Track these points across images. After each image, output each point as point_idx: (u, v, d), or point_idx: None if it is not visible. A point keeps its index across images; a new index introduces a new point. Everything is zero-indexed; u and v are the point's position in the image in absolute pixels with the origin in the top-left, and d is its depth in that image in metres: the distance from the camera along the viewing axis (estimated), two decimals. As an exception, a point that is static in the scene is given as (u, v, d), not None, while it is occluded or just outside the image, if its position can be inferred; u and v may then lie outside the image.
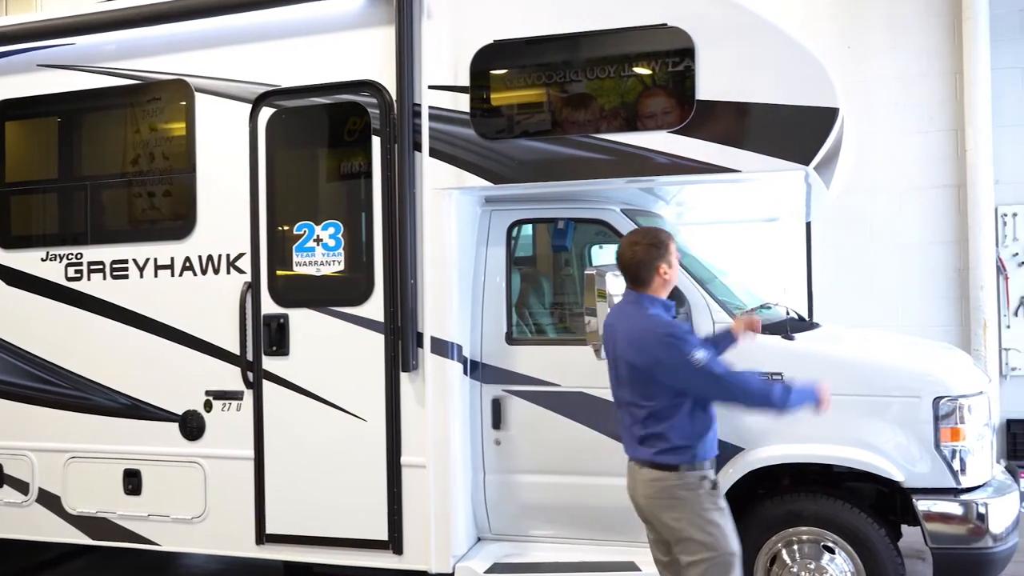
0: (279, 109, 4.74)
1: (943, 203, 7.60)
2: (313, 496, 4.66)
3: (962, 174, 7.49)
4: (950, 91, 7.58)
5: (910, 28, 7.69)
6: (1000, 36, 7.38)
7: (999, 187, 7.41)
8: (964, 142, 7.45)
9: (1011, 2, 7.45)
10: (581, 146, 4.27)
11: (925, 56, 7.65)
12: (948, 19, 7.57)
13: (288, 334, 4.69)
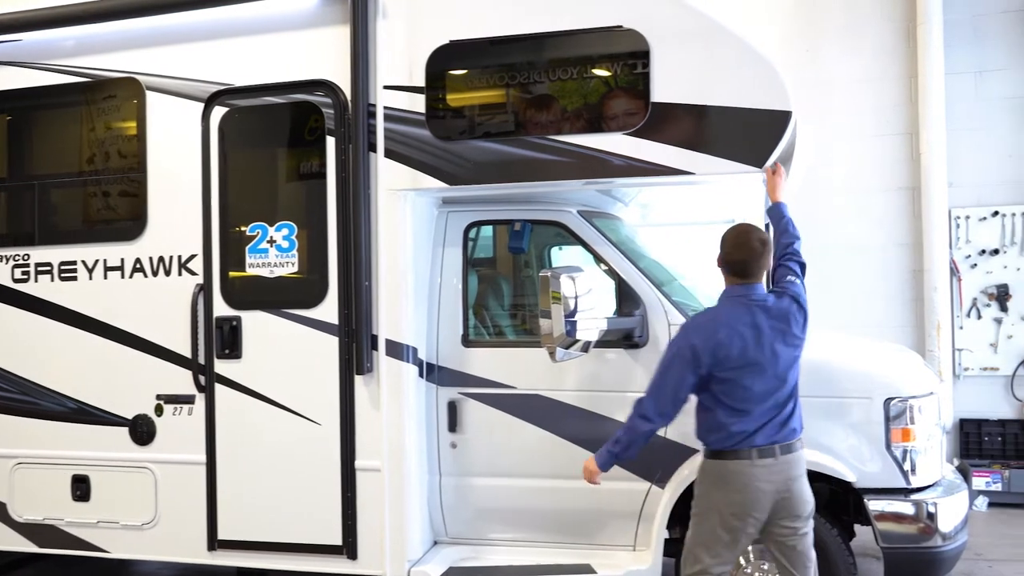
0: (232, 108, 4.67)
1: (899, 206, 7.70)
2: (266, 501, 4.60)
3: (917, 177, 7.60)
4: (905, 95, 7.69)
5: (867, 33, 7.78)
6: (954, 41, 7.49)
7: (953, 190, 7.52)
8: (919, 145, 7.55)
9: (964, 8, 7.56)
10: (537, 147, 4.25)
11: (881, 60, 7.75)
12: (903, 24, 7.67)
13: (241, 337, 4.63)
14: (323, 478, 4.51)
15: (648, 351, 4.34)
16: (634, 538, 4.42)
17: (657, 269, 4.88)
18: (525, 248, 4.64)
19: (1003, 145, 7.54)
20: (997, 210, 7.53)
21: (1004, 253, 7.53)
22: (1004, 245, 7.53)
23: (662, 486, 4.31)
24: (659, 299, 4.39)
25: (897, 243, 7.69)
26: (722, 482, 3.51)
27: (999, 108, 7.55)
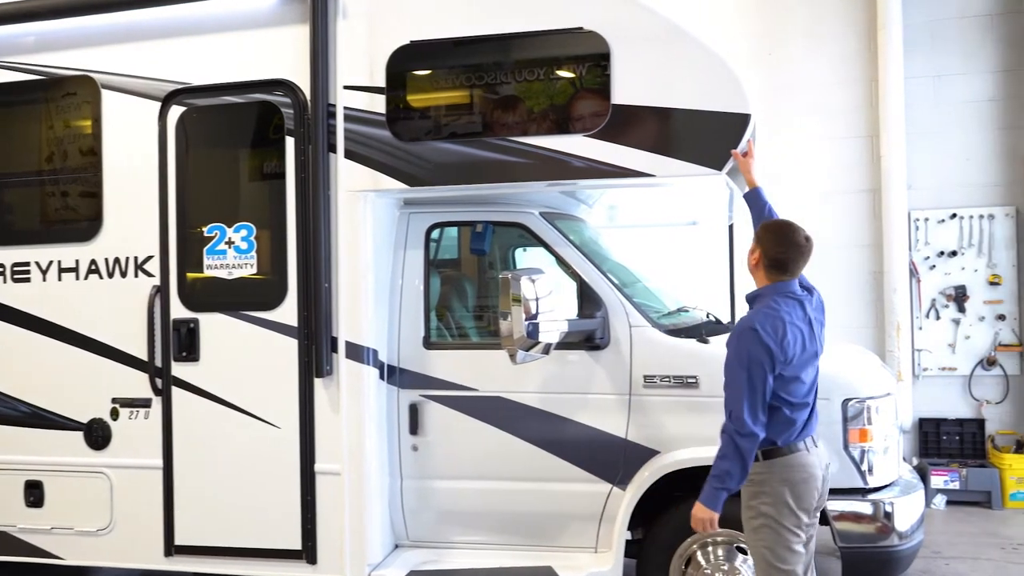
0: (189, 107, 4.60)
1: (860, 208, 7.79)
2: (224, 506, 4.54)
3: (877, 179, 7.69)
4: (866, 99, 7.78)
5: (828, 37, 7.87)
6: (913, 46, 7.59)
7: (912, 192, 7.62)
8: (879, 148, 7.64)
9: (923, 13, 7.67)
10: (498, 149, 4.24)
11: (843, 64, 7.84)
12: (864, 28, 7.76)
13: (198, 339, 4.56)
14: (282, 482, 4.46)
15: (609, 353, 4.35)
16: (596, 540, 4.42)
17: (620, 271, 4.89)
18: (487, 250, 4.63)
19: (961, 148, 7.66)
20: (955, 212, 7.64)
21: (962, 255, 7.64)
22: (962, 247, 7.64)
23: (623, 487, 4.31)
24: (620, 301, 4.39)
25: (858, 244, 7.79)
26: (793, 478, 3.42)
27: (957, 112, 7.67)
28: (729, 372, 3.40)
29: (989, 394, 7.59)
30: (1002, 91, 7.58)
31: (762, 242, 3.52)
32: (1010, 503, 7.20)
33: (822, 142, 7.84)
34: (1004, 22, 7.57)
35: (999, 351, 7.55)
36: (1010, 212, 7.54)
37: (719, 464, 3.37)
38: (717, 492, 3.37)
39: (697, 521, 3.42)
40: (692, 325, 4.62)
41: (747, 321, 3.42)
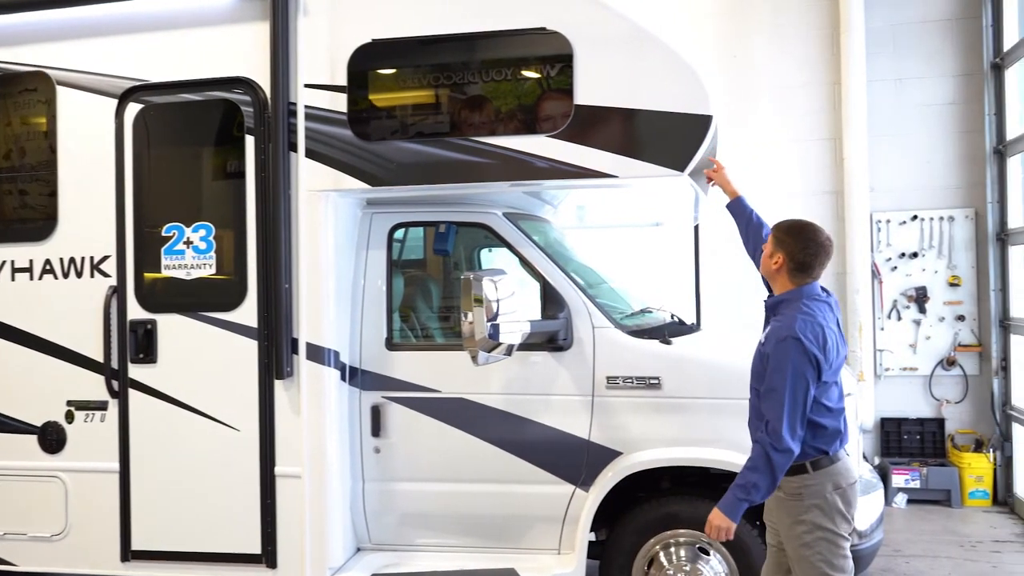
0: (147, 105, 4.53)
1: (823, 209, 7.85)
2: (182, 510, 4.47)
3: (840, 181, 7.76)
4: (829, 101, 7.85)
5: (792, 39, 7.93)
6: (875, 49, 7.68)
7: (874, 195, 7.70)
8: (842, 151, 7.72)
9: (884, 17, 7.76)
10: (460, 149, 4.21)
11: (806, 67, 7.91)
12: (828, 31, 7.84)
13: (156, 341, 4.49)
14: (242, 485, 4.41)
15: (572, 354, 4.34)
16: (559, 541, 4.41)
17: (584, 272, 4.88)
18: (450, 250, 4.60)
19: (921, 151, 7.75)
20: (916, 214, 7.73)
21: (923, 256, 7.74)
22: (923, 248, 7.73)
23: (586, 489, 4.31)
24: (584, 302, 4.38)
25: None
26: (842, 484, 3.37)
27: (918, 115, 7.76)
28: (771, 385, 3.25)
29: (949, 394, 7.70)
30: (961, 95, 7.69)
31: (784, 245, 3.41)
32: (969, 501, 7.30)
33: (787, 144, 7.90)
34: (963, 27, 7.67)
35: (959, 351, 7.65)
36: (969, 214, 7.65)
37: (748, 475, 3.24)
38: (740, 502, 3.25)
39: (714, 529, 3.30)
40: (655, 326, 4.63)
41: (786, 329, 3.26)
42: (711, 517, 3.32)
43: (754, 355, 3.51)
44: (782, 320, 3.34)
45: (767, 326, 3.49)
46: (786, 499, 3.39)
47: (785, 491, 3.39)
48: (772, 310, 3.49)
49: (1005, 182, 7.46)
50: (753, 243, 4.00)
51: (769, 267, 3.48)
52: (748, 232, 4.05)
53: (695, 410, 4.25)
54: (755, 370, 3.46)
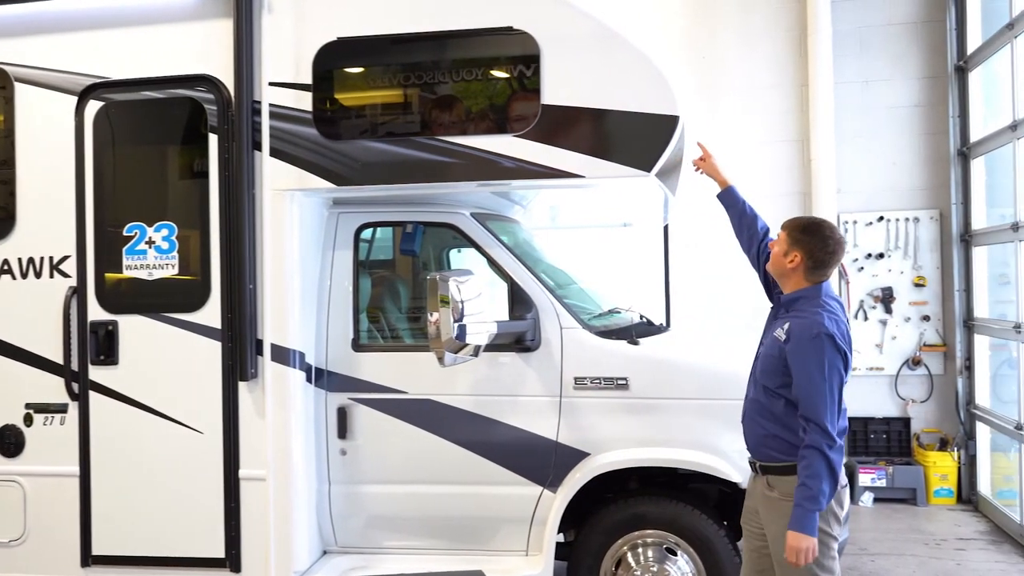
0: (108, 103, 4.45)
1: (791, 210, 7.86)
2: (144, 514, 4.40)
3: (808, 182, 7.82)
4: (797, 103, 7.91)
5: (760, 41, 7.98)
6: (842, 51, 7.74)
7: (841, 196, 7.77)
8: (810, 152, 7.77)
9: (851, 20, 7.83)
10: (427, 148, 4.18)
11: (774, 69, 7.96)
12: (795, 33, 7.89)
13: (117, 342, 4.41)
14: (205, 489, 4.34)
15: (540, 354, 4.32)
16: (526, 543, 4.39)
17: (553, 272, 4.87)
18: (417, 250, 4.57)
19: (887, 153, 7.84)
20: (883, 215, 7.81)
21: (889, 257, 7.82)
22: (889, 249, 7.81)
23: (554, 490, 4.30)
24: (551, 302, 4.37)
25: None
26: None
27: (883, 117, 7.85)
28: (812, 384, 3.21)
29: (914, 393, 7.78)
30: (926, 97, 7.78)
31: (802, 244, 3.38)
32: (934, 500, 7.39)
33: (755, 145, 7.94)
34: (928, 30, 7.76)
35: (924, 351, 7.74)
36: (934, 215, 7.74)
37: (812, 485, 3.15)
38: (812, 516, 3.16)
39: (799, 552, 3.16)
40: (623, 327, 4.62)
41: (817, 326, 3.24)
42: (793, 543, 3.17)
43: (765, 351, 3.46)
44: (805, 317, 3.31)
45: (782, 322, 3.40)
46: (780, 500, 3.34)
47: (780, 492, 3.36)
48: (787, 307, 3.44)
49: (969, 184, 7.56)
50: (748, 236, 3.91)
51: (783, 265, 3.43)
52: (742, 224, 3.93)
53: (663, 410, 4.26)
54: (768, 367, 3.40)
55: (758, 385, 3.47)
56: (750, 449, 3.55)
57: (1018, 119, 6.36)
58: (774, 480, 3.39)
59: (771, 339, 3.43)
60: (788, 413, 3.34)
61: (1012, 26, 6.45)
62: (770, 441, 3.40)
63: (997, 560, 5.98)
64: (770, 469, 3.41)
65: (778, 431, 3.38)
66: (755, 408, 3.47)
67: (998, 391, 7.29)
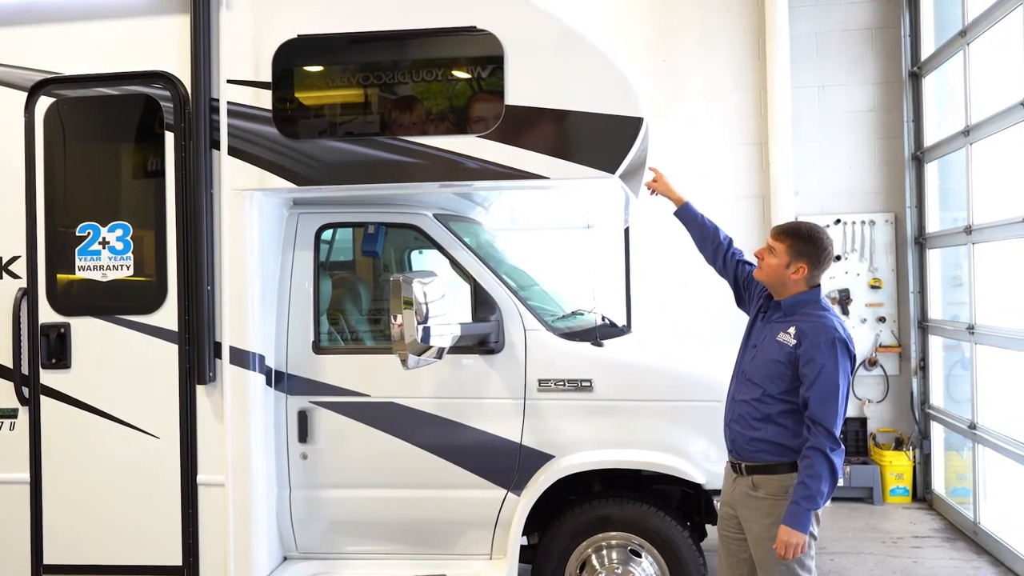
0: (60, 99, 4.33)
1: (750, 213, 7.98)
2: (99, 521, 4.29)
3: (766, 185, 7.89)
4: (755, 107, 7.98)
5: (720, 45, 8.04)
6: (799, 56, 7.83)
7: (799, 199, 7.85)
8: (768, 155, 7.85)
9: (808, 25, 7.92)
10: (389, 148, 4.13)
11: (733, 72, 8.02)
12: (754, 38, 7.97)
13: (70, 345, 4.30)
14: (162, 495, 4.25)
15: (504, 357, 4.30)
16: (490, 546, 4.37)
17: (516, 274, 4.85)
18: (379, 252, 4.52)
19: (843, 156, 7.94)
20: (839, 218, 7.91)
21: (845, 259, 7.92)
22: (845, 252, 7.92)
23: (518, 493, 4.28)
24: (515, 304, 4.35)
25: (747, 249, 7.85)
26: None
27: (840, 121, 7.95)
28: (827, 387, 3.22)
29: (871, 393, 7.89)
30: (882, 102, 7.90)
31: (806, 254, 3.39)
32: (890, 498, 7.50)
33: (715, 148, 8.00)
34: (883, 36, 7.89)
35: (880, 352, 7.85)
36: (889, 218, 7.86)
37: (812, 484, 3.18)
38: (808, 514, 3.20)
39: (790, 547, 3.19)
40: (587, 328, 4.61)
41: (831, 330, 3.28)
42: (785, 537, 3.20)
43: (765, 356, 3.42)
44: (815, 321, 3.33)
45: (784, 326, 3.39)
46: (766, 499, 3.36)
47: (766, 491, 3.37)
48: (789, 311, 3.43)
49: (923, 187, 7.69)
50: (712, 248, 3.96)
51: (786, 276, 3.42)
52: (704, 238, 3.99)
53: (627, 412, 4.26)
54: (773, 372, 3.37)
55: (752, 388, 3.43)
56: (735, 451, 3.52)
57: (970, 124, 6.49)
58: (760, 480, 3.39)
59: (773, 343, 3.41)
60: (785, 416, 3.35)
61: (964, 33, 6.57)
62: (763, 444, 3.39)
63: (952, 557, 6.08)
64: (757, 469, 3.41)
65: (772, 435, 3.37)
66: (748, 411, 3.43)
67: (951, 391, 7.43)
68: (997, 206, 6.14)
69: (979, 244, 6.42)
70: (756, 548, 3.42)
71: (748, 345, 3.59)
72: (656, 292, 7.82)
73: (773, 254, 3.46)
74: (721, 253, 3.93)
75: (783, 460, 3.34)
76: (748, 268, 3.86)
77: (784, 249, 3.43)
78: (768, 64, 7.79)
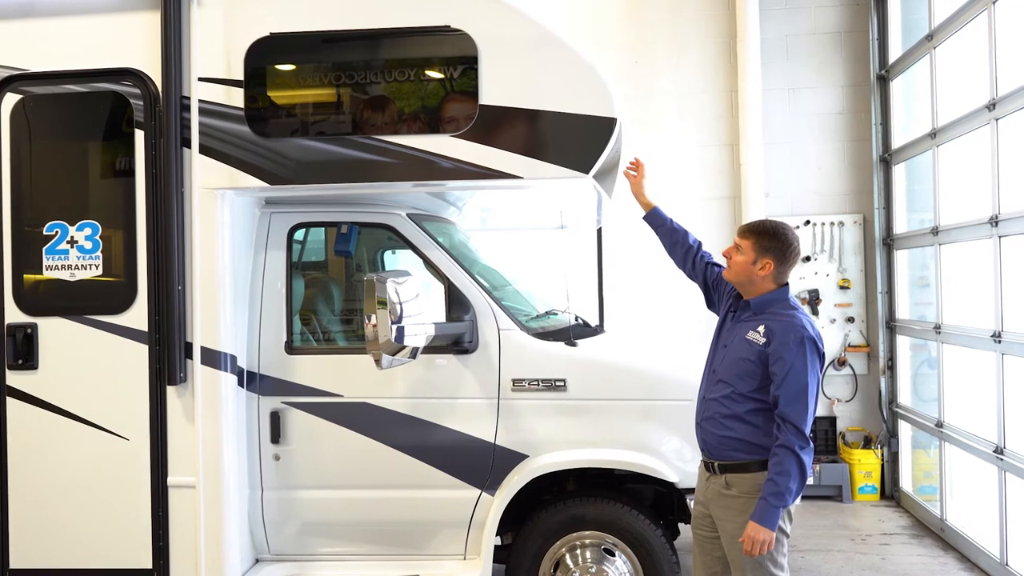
0: (27, 96, 4.27)
1: (721, 213, 8.04)
2: (66, 525, 4.23)
3: (737, 186, 7.96)
4: (727, 108, 8.04)
5: (691, 47, 8.10)
6: (770, 58, 7.91)
7: (769, 200, 7.93)
8: (739, 156, 7.91)
9: (778, 28, 8.00)
10: (363, 148, 4.11)
11: (705, 74, 8.08)
12: (725, 40, 8.03)
13: (37, 346, 4.23)
14: (131, 497, 4.20)
15: (478, 356, 4.30)
16: (464, 547, 4.36)
17: (489, 274, 4.85)
18: (352, 251, 4.49)
19: (813, 159, 8.03)
20: (809, 219, 7.99)
21: (815, 260, 8.00)
22: (815, 253, 8.00)
23: (492, 493, 4.28)
24: (489, 304, 4.35)
25: (718, 249, 7.90)
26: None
27: (809, 123, 8.04)
28: (796, 385, 3.24)
29: (840, 393, 7.98)
30: (850, 104, 7.99)
31: (771, 251, 3.43)
32: (859, 496, 7.59)
33: (687, 149, 8.06)
34: (852, 39, 7.98)
35: (849, 352, 7.94)
36: (858, 220, 7.96)
37: (781, 482, 3.20)
38: (777, 511, 3.21)
39: (757, 543, 3.20)
40: (560, 328, 4.62)
41: (800, 329, 3.30)
42: (752, 533, 3.21)
43: (734, 355, 3.43)
44: (784, 319, 3.35)
45: (753, 324, 3.41)
46: (739, 497, 3.37)
47: (739, 489, 3.38)
48: (758, 310, 3.46)
49: (891, 189, 7.79)
50: (682, 252, 3.99)
51: (752, 273, 3.45)
52: (674, 242, 4.01)
53: (600, 411, 4.27)
54: (743, 371, 3.38)
55: (722, 387, 3.45)
56: (707, 450, 3.53)
57: (937, 127, 6.58)
58: (733, 479, 3.41)
59: (742, 342, 3.43)
60: (756, 414, 3.37)
61: (931, 37, 6.67)
62: (734, 442, 3.40)
63: (919, 554, 6.16)
64: (729, 468, 3.42)
65: (743, 433, 3.39)
66: (718, 410, 3.45)
67: (919, 390, 7.53)
68: (963, 208, 6.24)
69: (945, 245, 6.52)
70: (729, 547, 3.44)
71: (718, 345, 3.61)
72: (628, 292, 7.85)
73: (740, 252, 3.49)
74: (691, 257, 3.96)
75: (755, 458, 3.36)
76: (717, 270, 3.89)
77: (750, 246, 3.47)
78: (739, 66, 7.85)
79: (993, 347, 5.54)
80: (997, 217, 5.49)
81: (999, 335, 5.45)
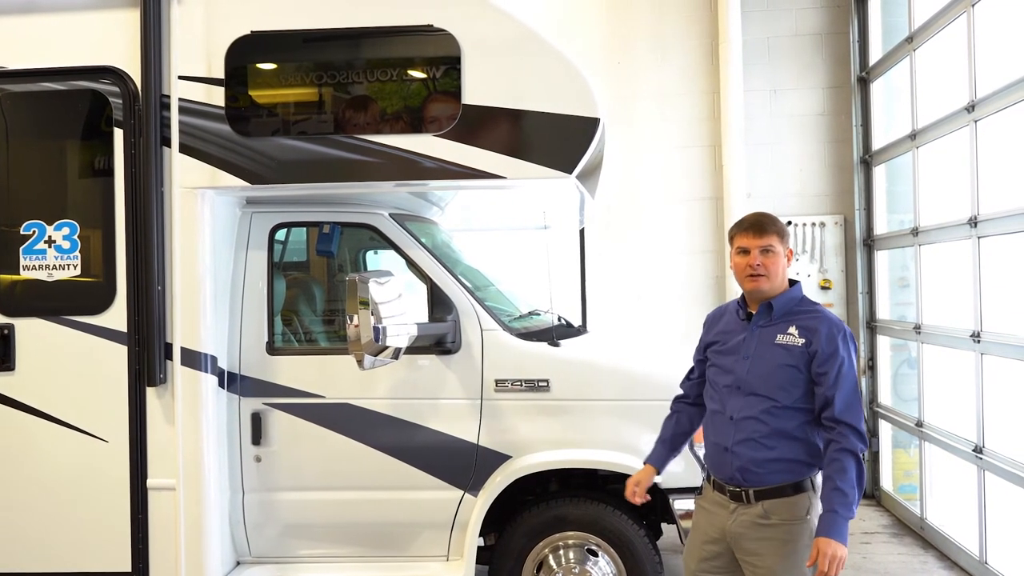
0: (3, 93, 4.22)
1: (703, 215, 8.06)
2: (44, 527, 4.19)
3: (720, 187, 7.98)
4: (709, 109, 8.06)
5: (674, 48, 8.11)
6: (752, 60, 7.93)
7: (751, 201, 7.93)
8: (721, 158, 7.94)
9: (760, 30, 8.03)
10: (345, 147, 4.10)
11: (687, 75, 8.10)
12: (707, 41, 8.05)
13: (13, 347, 4.18)
14: (110, 499, 4.16)
15: (461, 357, 4.28)
16: (447, 548, 4.35)
17: (472, 274, 4.84)
18: (334, 251, 4.47)
19: (795, 160, 8.06)
20: (791, 220, 8.01)
21: (797, 261, 8.03)
22: (797, 253, 8.03)
23: (475, 494, 4.26)
24: (472, 304, 4.34)
25: (701, 251, 8.05)
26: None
27: (790, 124, 8.07)
28: (850, 383, 2.96)
29: (821, 392, 7.99)
30: (831, 106, 8.04)
31: (787, 238, 3.18)
32: (840, 495, 7.60)
33: (670, 150, 8.06)
34: (832, 41, 8.03)
35: (830, 352, 7.95)
36: (839, 220, 8.00)
37: (849, 493, 2.87)
38: (847, 523, 2.87)
39: (836, 561, 2.78)
40: (543, 328, 4.62)
41: (839, 323, 3.03)
42: (830, 550, 2.79)
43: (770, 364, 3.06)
44: (817, 316, 3.07)
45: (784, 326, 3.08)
46: (781, 525, 3.00)
47: (779, 517, 3.00)
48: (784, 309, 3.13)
49: (871, 190, 7.84)
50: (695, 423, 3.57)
51: (782, 268, 3.15)
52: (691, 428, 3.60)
53: (583, 412, 4.27)
54: (784, 379, 3.03)
55: (759, 402, 3.05)
56: (741, 477, 3.07)
57: (917, 129, 6.63)
58: (773, 505, 3.01)
59: (775, 348, 3.07)
60: (803, 428, 3.04)
61: (911, 39, 6.71)
62: (779, 464, 3.03)
63: (900, 552, 6.20)
64: (768, 494, 3.03)
65: (789, 451, 3.03)
66: (756, 428, 3.04)
67: (899, 390, 7.57)
68: (943, 209, 6.28)
69: (925, 246, 6.56)
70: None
71: (739, 356, 3.15)
72: (611, 293, 7.86)
73: (771, 253, 3.11)
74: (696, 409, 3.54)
75: (793, 480, 3.03)
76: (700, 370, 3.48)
77: (777, 241, 3.14)
78: (721, 68, 7.87)
79: (972, 347, 5.58)
80: (976, 218, 5.54)
81: (978, 335, 5.50)
